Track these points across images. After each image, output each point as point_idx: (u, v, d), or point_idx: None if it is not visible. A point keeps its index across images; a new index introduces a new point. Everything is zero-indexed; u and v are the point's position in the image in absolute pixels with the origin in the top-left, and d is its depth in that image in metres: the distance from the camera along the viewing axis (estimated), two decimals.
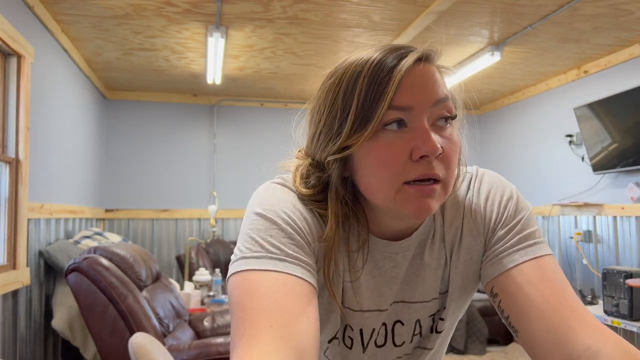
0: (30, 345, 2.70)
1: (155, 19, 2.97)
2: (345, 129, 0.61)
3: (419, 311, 0.72)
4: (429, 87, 0.61)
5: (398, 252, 0.69)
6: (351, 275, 0.68)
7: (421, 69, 0.62)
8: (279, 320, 0.54)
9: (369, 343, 0.71)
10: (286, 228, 0.62)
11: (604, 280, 3.12)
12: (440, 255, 0.72)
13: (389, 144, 0.60)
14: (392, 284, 0.70)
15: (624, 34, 3.22)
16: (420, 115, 0.60)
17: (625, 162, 3.43)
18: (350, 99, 0.60)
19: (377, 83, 0.59)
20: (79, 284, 2.34)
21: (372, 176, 0.62)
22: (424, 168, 0.59)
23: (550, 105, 4.37)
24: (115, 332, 2.28)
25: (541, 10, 2.86)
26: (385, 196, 0.62)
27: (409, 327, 0.72)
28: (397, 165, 0.60)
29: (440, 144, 0.60)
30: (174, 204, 4.74)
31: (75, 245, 3.13)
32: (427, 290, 0.72)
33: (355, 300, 0.69)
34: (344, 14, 2.90)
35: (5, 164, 2.46)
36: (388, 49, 0.63)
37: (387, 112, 0.59)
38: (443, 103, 0.62)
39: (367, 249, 0.68)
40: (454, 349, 4.04)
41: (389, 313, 0.71)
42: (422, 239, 0.72)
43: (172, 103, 4.82)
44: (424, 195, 0.60)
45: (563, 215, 4.16)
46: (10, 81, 2.51)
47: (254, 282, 0.57)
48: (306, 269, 0.60)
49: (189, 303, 3.22)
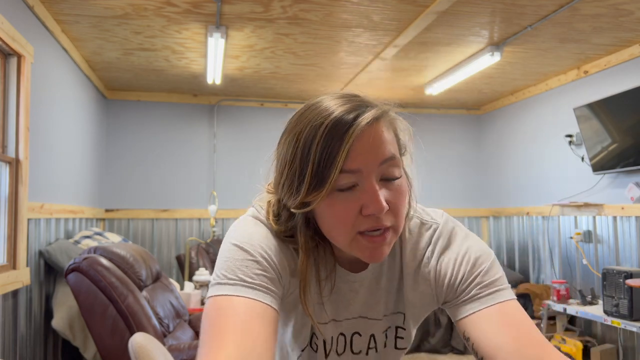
0: (30, 345, 2.70)
1: (156, 19, 2.97)
2: (303, 189, 0.68)
3: (374, 326, 0.82)
4: (376, 149, 0.68)
5: (356, 280, 0.80)
6: (322, 297, 0.79)
7: (370, 130, 0.68)
8: (240, 339, 0.62)
9: (330, 350, 0.81)
10: (261, 261, 0.71)
11: (604, 280, 3.12)
12: (394, 282, 0.82)
13: (342, 203, 0.68)
14: (348, 305, 0.81)
15: (624, 34, 3.22)
16: (369, 175, 0.68)
17: (625, 162, 3.43)
18: (306, 162, 0.68)
19: (329, 150, 0.66)
20: (79, 283, 2.34)
21: (330, 227, 0.71)
22: (373, 221, 0.68)
23: (550, 106, 4.38)
24: (115, 332, 2.28)
25: (541, 10, 2.86)
26: (342, 244, 0.71)
27: (364, 339, 0.82)
28: (349, 220, 0.68)
29: (388, 198, 0.69)
30: (174, 204, 4.74)
31: (75, 245, 3.13)
32: (381, 309, 0.82)
33: (325, 315, 0.79)
34: (344, 14, 2.90)
35: (5, 164, 2.46)
36: (344, 110, 0.68)
37: (339, 175, 0.66)
38: (390, 161, 0.69)
39: (334, 278, 0.79)
40: (454, 349, 4.04)
41: (348, 326, 0.81)
42: (378, 269, 0.81)
43: (172, 103, 4.83)
44: (376, 244, 0.69)
45: (563, 216, 4.16)
46: (10, 81, 2.51)
47: (225, 305, 0.66)
48: (273, 297, 0.69)
49: (189, 303, 3.22)
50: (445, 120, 5.46)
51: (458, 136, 5.47)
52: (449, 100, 5.11)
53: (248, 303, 0.66)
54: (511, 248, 4.96)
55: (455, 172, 5.42)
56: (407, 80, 4.36)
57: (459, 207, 5.38)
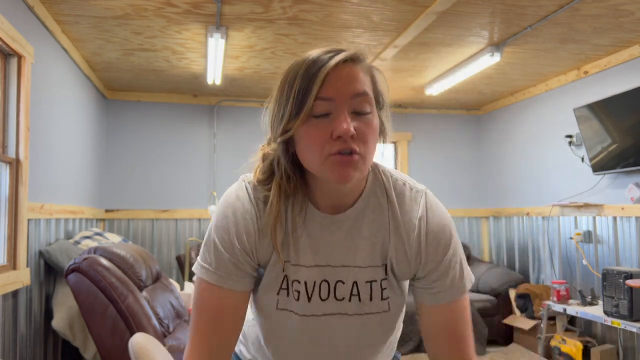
0: (30, 345, 2.70)
1: (156, 20, 2.98)
2: (286, 116, 0.79)
3: (357, 275, 0.87)
4: (350, 83, 0.78)
5: (334, 223, 0.87)
6: (292, 237, 0.86)
7: (345, 68, 0.79)
8: (209, 327, 0.83)
9: (312, 294, 0.86)
10: (234, 243, 0.84)
11: (604, 280, 3.12)
12: (380, 235, 0.88)
13: (316, 128, 0.78)
14: (328, 248, 0.87)
15: (624, 34, 3.23)
16: (341, 104, 0.77)
17: (625, 163, 3.43)
18: (289, 93, 0.79)
19: (308, 80, 0.77)
20: (79, 284, 2.34)
21: (307, 151, 0.80)
22: (342, 144, 0.77)
23: (550, 106, 4.38)
24: (115, 332, 2.28)
25: (541, 10, 2.86)
26: (316, 165, 0.80)
27: (347, 286, 0.87)
28: (322, 142, 0.77)
29: (357, 127, 0.78)
30: (174, 204, 4.74)
31: (75, 245, 3.13)
32: (363, 257, 0.87)
33: (295, 256, 0.86)
34: (344, 14, 2.90)
35: (6, 164, 2.46)
36: (324, 51, 0.81)
37: (315, 102, 0.77)
38: (362, 97, 0.79)
39: (304, 216, 0.87)
40: None
41: (331, 273, 0.87)
42: (360, 216, 0.88)
43: (173, 103, 4.83)
44: (343, 163, 0.77)
45: (563, 216, 4.16)
46: (10, 81, 2.51)
47: (203, 293, 0.85)
48: (242, 280, 0.85)
49: (189, 303, 3.22)
50: (446, 120, 5.46)
51: (458, 136, 5.47)
52: (449, 100, 5.12)
53: (219, 293, 0.84)
54: (511, 248, 4.96)
55: (455, 173, 5.42)
56: (407, 80, 4.36)
57: (459, 208, 5.38)
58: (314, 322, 0.88)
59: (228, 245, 0.84)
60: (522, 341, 4.16)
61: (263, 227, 0.85)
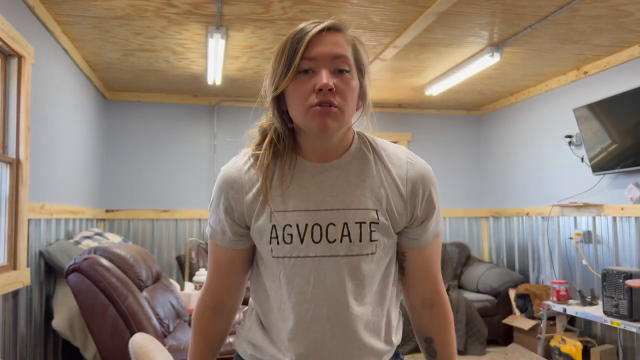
0: (30, 345, 2.70)
1: (156, 20, 2.98)
2: (277, 75, 0.93)
3: (347, 216, 0.94)
4: (331, 46, 0.91)
5: (323, 171, 0.97)
6: (282, 187, 0.97)
7: (329, 35, 0.92)
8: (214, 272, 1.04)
9: (304, 236, 0.94)
10: (224, 211, 0.99)
11: (604, 280, 3.12)
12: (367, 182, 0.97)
13: (302, 84, 0.91)
14: (319, 194, 0.96)
15: (623, 35, 3.23)
16: (323, 63, 0.90)
17: (625, 163, 3.43)
18: (281, 56, 0.93)
19: (295, 44, 0.91)
20: (79, 284, 2.34)
21: (293, 104, 0.92)
22: (322, 96, 0.88)
23: (550, 106, 4.38)
24: (115, 332, 2.28)
25: (541, 11, 2.86)
26: (300, 116, 0.91)
27: (338, 229, 0.94)
28: (306, 95, 0.90)
29: (336, 84, 0.90)
30: (174, 205, 4.74)
31: (75, 245, 3.13)
32: (354, 199, 0.96)
33: (284, 204, 0.96)
34: (344, 14, 2.91)
35: (6, 165, 2.46)
36: (310, 22, 0.93)
37: (301, 61, 0.90)
38: (341, 59, 0.91)
39: (293, 169, 0.97)
40: None
41: (323, 217, 0.95)
42: (347, 165, 0.98)
43: (173, 104, 4.83)
44: (323, 114, 0.88)
45: (563, 216, 4.17)
46: (10, 82, 2.51)
47: (210, 248, 1.04)
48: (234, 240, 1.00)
49: (189, 303, 3.23)
50: (445, 120, 5.46)
51: (458, 137, 5.47)
52: (449, 100, 5.12)
53: (219, 250, 1.02)
54: (511, 248, 4.96)
55: (455, 173, 5.42)
56: (407, 80, 4.37)
57: (459, 208, 5.38)
58: (308, 265, 0.94)
59: (217, 204, 1.00)
60: (521, 341, 4.16)
61: (252, 180, 0.97)
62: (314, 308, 0.94)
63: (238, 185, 0.98)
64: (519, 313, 4.21)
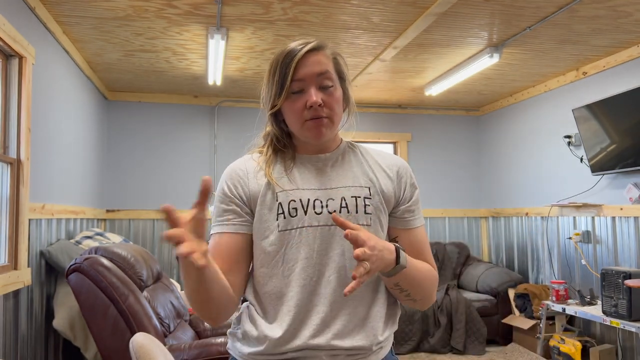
0: (31, 345, 2.71)
1: (156, 21, 2.99)
2: (272, 95, 1.07)
3: (344, 192, 1.09)
4: (315, 66, 1.04)
5: (320, 160, 1.12)
6: (285, 173, 1.10)
7: (311, 55, 1.04)
8: (220, 264, 1.04)
9: (307, 208, 1.06)
10: (228, 198, 1.09)
11: (603, 280, 3.13)
12: (358, 167, 1.13)
13: (295, 102, 1.05)
14: (318, 177, 1.11)
15: (622, 35, 3.24)
16: (311, 83, 1.04)
17: (624, 163, 3.44)
18: (273, 78, 1.06)
19: (285, 67, 1.04)
20: (80, 284, 2.35)
21: (290, 119, 1.07)
22: (314, 111, 1.03)
23: (549, 107, 4.39)
24: (116, 332, 2.29)
25: (540, 12, 2.87)
26: (297, 129, 1.07)
27: (337, 202, 1.08)
28: (300, 111, 1.04)
29: (323, 98, 1.04)
30: (175, 205, 4.73)
31: (76, 245, 3.14)
32: (348, 179, 1.11)
33: (288, 184, 1.08)
34: (343, 15, 2.92)
35: (7, 165, 2.47)
36: (297, 44, 1.05)
37: (292, 84, 1.04)
38: (324, 75, 1.05)
39: (293, 161, 1.12)
40: (453, 349, 4.05)
41: (322, 193, 1.08)
42: (340, 156, 1.14)
43: (173, 104, 4.84)
44: (317, 125, 1.04)
45: (562, 216, 4.18)
46: (11, 82, 2.52)
47: (213, 240, 1.09)
48: (237, 224, 1.08)
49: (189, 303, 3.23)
50: (445, 121, 5.47)
51: (457, 137, 5.48)
52: (449, 101, 5.13)
53: (222, 239, 1.07)
54: (510, 248, 4.97)
55: (454, 173, 5.43)
56: (407, 81, 4.38)
57: (459, 208, 5.39)
58: (312, 233, 1.05)
59: (221, 195, 1.10)
60: (521, 341, 4.17)
61: (257, 168, 1.11)
62: (319, 272, 1.05)
63: (243, 172, 1.11)
64: (518, 313, 4.22)
